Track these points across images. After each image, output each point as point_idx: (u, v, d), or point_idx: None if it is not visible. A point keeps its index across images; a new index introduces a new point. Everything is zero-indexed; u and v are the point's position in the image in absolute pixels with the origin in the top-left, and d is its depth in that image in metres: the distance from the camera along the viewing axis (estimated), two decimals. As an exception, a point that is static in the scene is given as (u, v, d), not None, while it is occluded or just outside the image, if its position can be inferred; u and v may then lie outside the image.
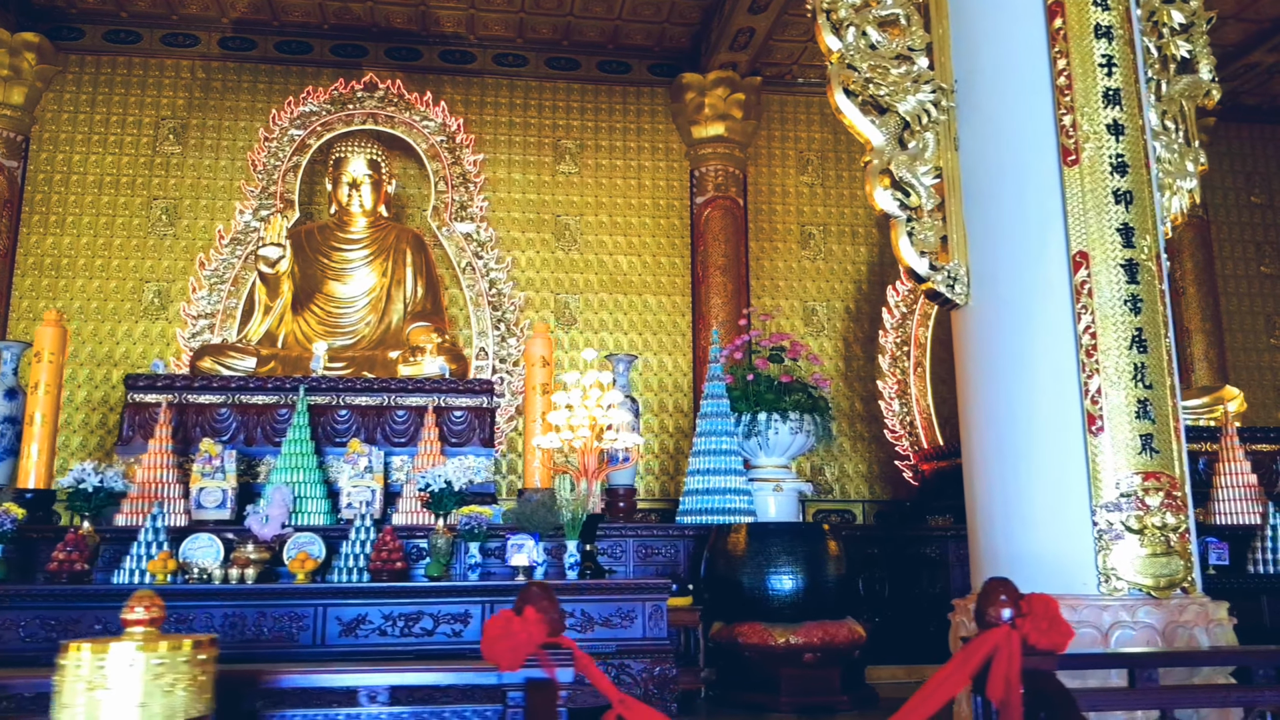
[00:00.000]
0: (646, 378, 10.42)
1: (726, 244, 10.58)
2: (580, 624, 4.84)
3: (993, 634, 2.15)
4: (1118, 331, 3.99)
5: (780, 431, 7.92)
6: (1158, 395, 3.97)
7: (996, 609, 2.21)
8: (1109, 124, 4.16)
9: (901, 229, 4.50)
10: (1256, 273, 11.86)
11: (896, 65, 4.58)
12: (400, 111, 9.42)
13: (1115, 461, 3.90)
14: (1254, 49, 10.41)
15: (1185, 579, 3.88)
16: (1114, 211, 4.09)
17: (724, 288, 10.48)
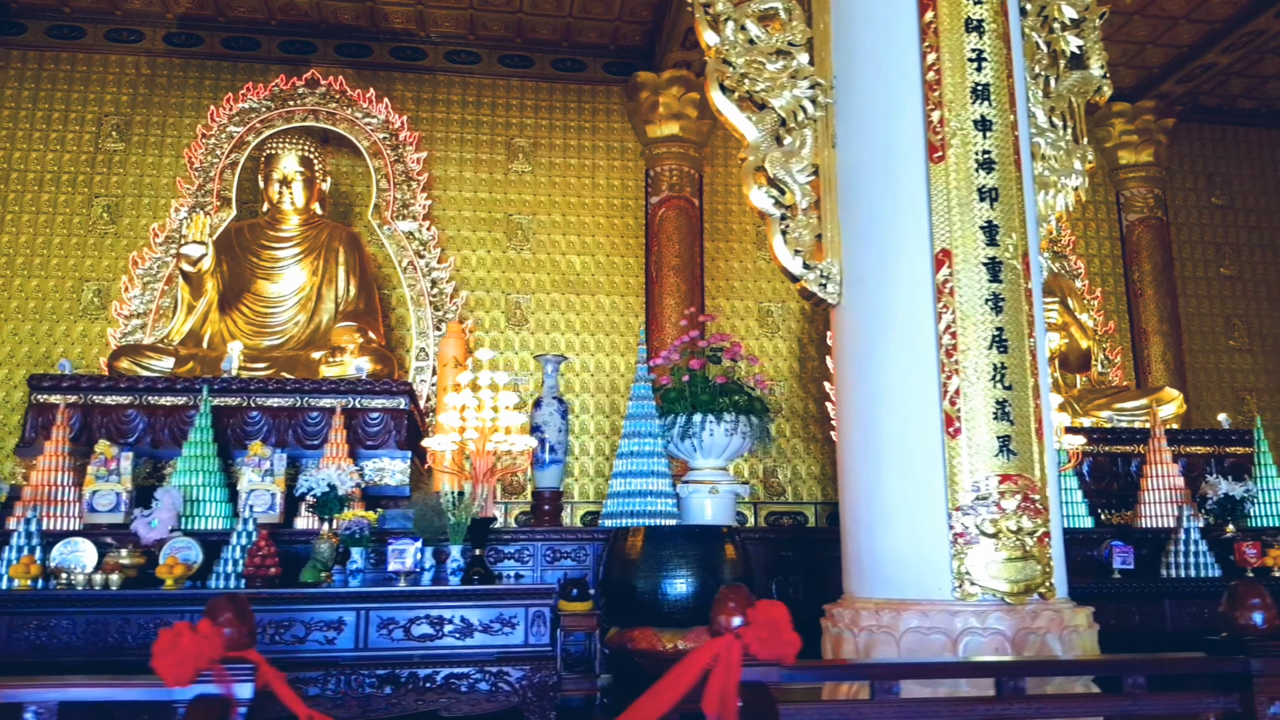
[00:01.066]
0: (599, 379, 10.36)
1: (681, 244, 10.51)
2: (459, 631, 4.78)
3: (714, 644, 2.08)
4: (978, 331, 3.92)
5: (715, 433, 7.82)
6: (1018, 396, 3.89)
7: (726, 617, 2.13)
8: (976, 120, 4.09)
9: (775, 227, 4.44)
10: (1216, 274, 11.75)
11: (774, 61, 4.51)
12: (343, 108, 9.37)
13: (972, 464, 3.82)
14: (1208, 50, 10.30)
15: (1043, 584, 3.80)
16: (978, 209, 4.01)
17: (678, 288, 10.41)
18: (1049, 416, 4.16)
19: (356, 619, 4.70)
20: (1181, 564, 5.84)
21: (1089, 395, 8.23)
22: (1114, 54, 10.47)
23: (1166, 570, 5.89)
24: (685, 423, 7.85)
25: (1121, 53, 10.57)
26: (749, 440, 8.14)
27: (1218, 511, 6.40)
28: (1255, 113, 11.94)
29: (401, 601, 4.72)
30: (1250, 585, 2.45)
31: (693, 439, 7.85)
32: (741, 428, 7.99)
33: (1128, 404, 8.04)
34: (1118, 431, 7.58)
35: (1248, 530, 6.38)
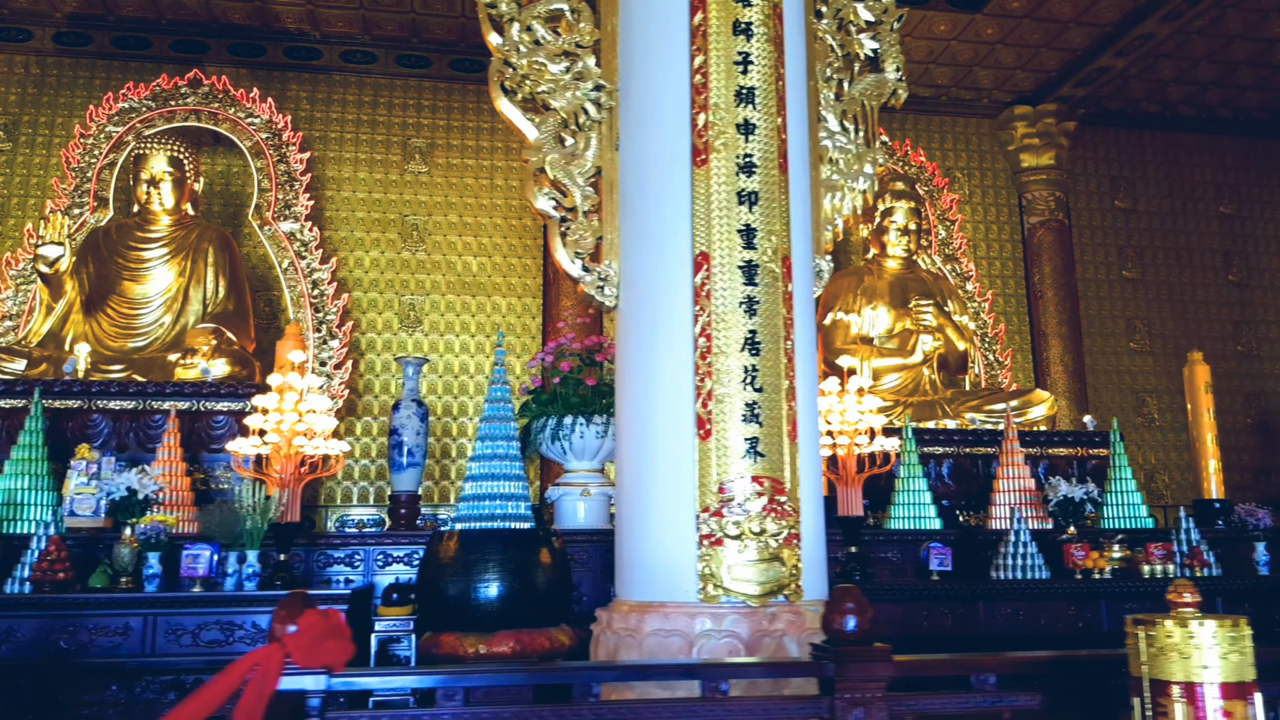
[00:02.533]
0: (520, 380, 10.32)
1: (577, 245, 10.48)
2: (251, 637, 4.73)
3: (258, 651, 2.06)
4: (731, 333, 3.91)
5: (586, 436, 7.80)
6: (769, 399, 3.89)
7: (279, 624, 2.11)
8: (740, 123, 4.08)
9: (555, 230, 4.42)
10: (1118, 276, 11.86)
11: (558, 62, 4.49)
12: (225, 108, 9.29)
13: (720, 466, 3.81)
14: (1102, 53, 10.39)
15: (789, 585, 3.79)
16: (737, 212, 4.00)
17: (574, 290, 10.37)
18: (814, 419, 4.16)
19: (144, 625, 4.65)
20: (1011, 565, 5.86)
21: (961, 397, 8.28)
22: (1009, 58, 10.60)
23: (996, 572, 5.92)
24: (556, 425, 7.83)
25: (1017, 56, 10.67)
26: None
27: (1058, 513, 6.44)
28: (1158, 116, 12.07)
29: (189, 607, 4.67)
30: (846, 590, 2.45)
31: (563, 441, 7.83)
32: (614, 430, 7.97)
33: (998, 405, 8.08)
34: (979, 433, 7.63)
35: (1088, 531, 6.42)
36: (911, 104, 11.55)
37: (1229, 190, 12.34)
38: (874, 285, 9.09)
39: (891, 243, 9.26)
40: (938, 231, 10.24)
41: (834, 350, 9.00)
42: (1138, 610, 5.67)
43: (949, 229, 10.34)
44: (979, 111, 11.71)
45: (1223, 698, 1.95)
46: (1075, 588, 5.64)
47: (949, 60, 10.73)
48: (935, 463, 7.52)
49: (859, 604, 2.37)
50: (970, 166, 11.74)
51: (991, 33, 10.19)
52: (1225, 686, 1.95)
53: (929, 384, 8.67)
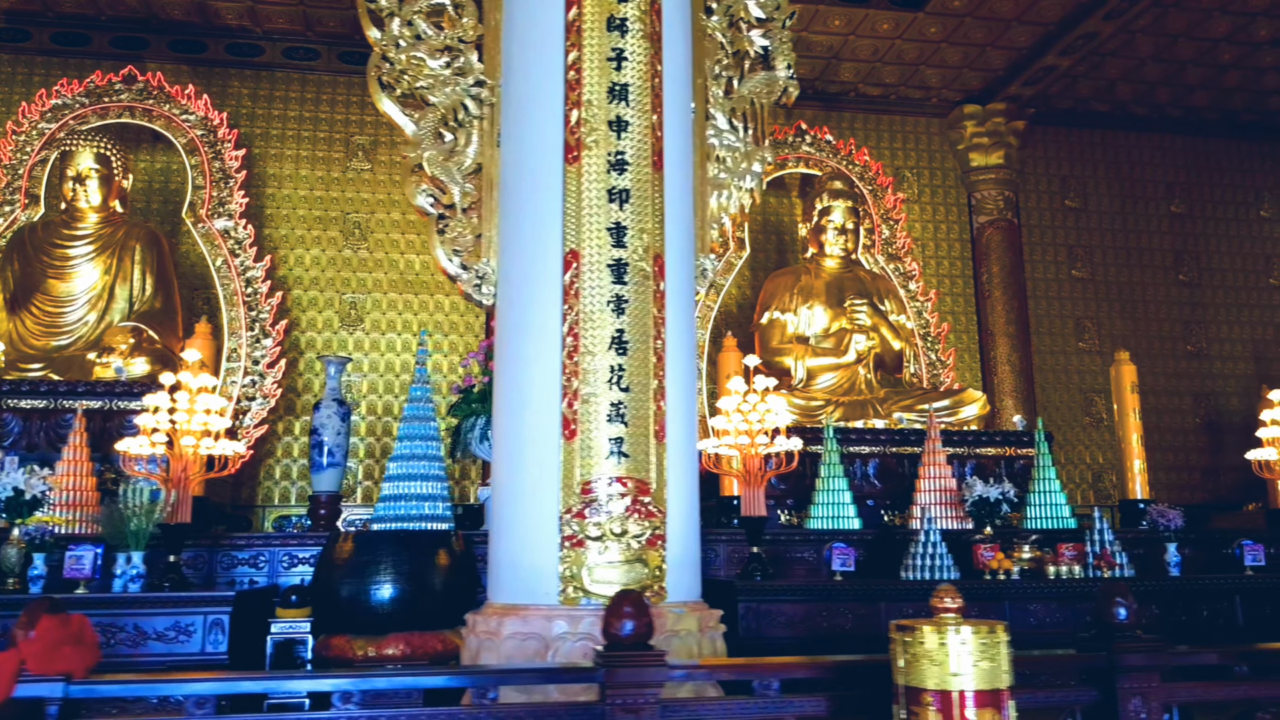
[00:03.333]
0: (435, 379, 10.22)
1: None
2: (132, 639, 4.67)
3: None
4: (599, 333, 3.87)
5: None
6: (636, 398, 3.84)
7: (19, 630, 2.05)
8: (612, 120, 4.04)
9: (433, 227, 4.37)
10: (1068, 276, 11.87)
11: (438, 58, 4.44)
12: (160, 104, 9.19)
13: (584, 466, 3.77)
14: (1046, 52, 10.38)
15: (652, 587, 3.75)
16: (608, 210, 3.96)
17: (518, 288, 10.32)
18: (689, 419, 4.12)
19: (20, 628, 4.56)
20: (920, 565, 5.84)
21: (894, 396, 8.25)
22: (955, 57, 10.59)
23: (905, 572, 5.89)
24: (485, 424, 7.78)
25: (963, 56, 10.66)
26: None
27: (974, 513, 6.42)
28: (1109, 115, 12.07)
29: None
30: (625, 595, 2.41)
31: (488, 442, 7.78)
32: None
33: (929, 405, 8.06)
34: (905, 433, 7.60)
35: (1006, 532, 6.39)
36: (860, 103, 11.65)
37: (1180, 190, 12.36)
38: (811, 284, 9.06)
39: (829, 242, 9.23)
40: (881, 231, 10.22)
41: (770, 350, 8.97)
42: (1040, 612, 5.66)
43: (893, 228, 10.32)
44: (929, 110, 11.69)
45: (975, 705, 1.91)
46: (979, 588, 5.62)
47: (895, 59, 10.71)
48: (861, 462, 7.49)
49: (637, 608, 2.33)
50: (920, 166, 11.73)
51: (935, 31, 10.17)
52: (979, 694, 1.92)
53: (864, 383, 8.64)
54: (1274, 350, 12.13)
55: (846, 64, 10.81)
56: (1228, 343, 12.10)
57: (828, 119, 11.42)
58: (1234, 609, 5.76)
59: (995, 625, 1.98)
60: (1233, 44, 10.53)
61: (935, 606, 2.00)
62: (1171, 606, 5.76)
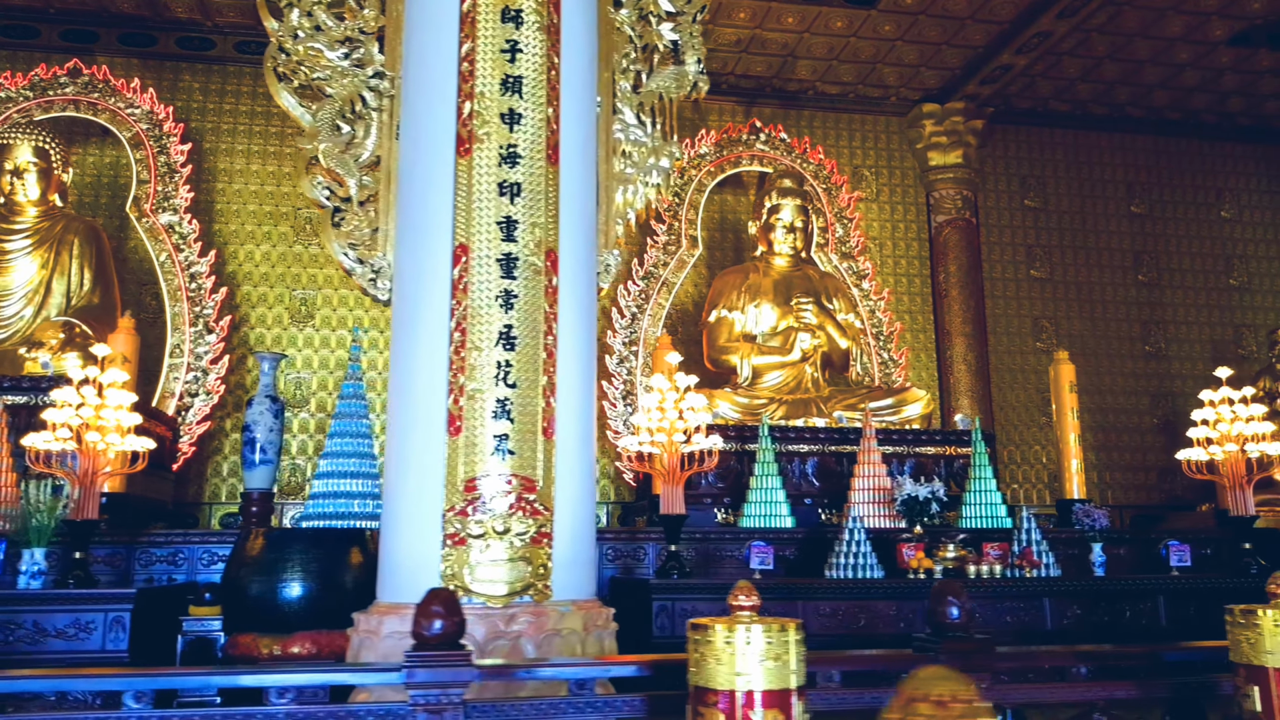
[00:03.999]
0: (385, 377, 10.17)
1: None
2: (31, 636, 4.60)
3: None
4: (486, 328, 3.82)
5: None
6: (523, 395, 3.80)
7: None
8: (505, 113, 3.99)
9: (327, 220, 4.32)
10: (1026, 276, 11.86)
11: (336, 49, 4.39)
12: (105, 98, 9.11)
13: (468, 463, 3.73)
14: (1002, 50, 10.36)
15: (536, 586, 3.71)
16: (498, 204, 3.91)
17: (472, 285, 10.27)
18: (585, 415, 4.07)
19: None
20: (844, 564, 5.81)
21: (838, 395, 8.22)
22: (911, 55, 10.57)
23: (830, 570, 5.86)
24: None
25: (919, 54, 10.63)
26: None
27: (904, 512, 6.39)
28: (1069, 115, 12.07)
29: (-42, 607, 4.53)
30: (435, 593, 2.36)
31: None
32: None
33: (873, 403, 8.03)
34: (845, 431, 7.57)
35: (936, 530, 6.36)
36: (819, 101, 11.63)
37: (1140, 190, 12.37)
38: (759, 283, 9.02)
39: (778, 240, 9.18)
40: (835, 229, 10.20)
41: (716, 348, 8.94)
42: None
43: (847, 227, 10.29)
44: (888, 109, 11.67)
45: (763, 705, 1.87)
46: (899, 588, 5.59)
47: (852, 57, 10.68)
48: (800, 461, 7.46)
49: (447, 607, 2.28)
50: (879, 165, 11.70)
51: (890, 29, 10.14)
52: (766, 694, 1.88)
53: (811, 382, 8.61)
54: (1233, 351, 12.14)
55: (803, 62, 10.77)
56: (1186, 343, 12.11)
57: (786, 117, 11.39)
58: (1157, 609, 5.75)
59: (787, 624, 1.94)
60: (1189, 43, 10.53)
61: (731, 604, 1.96)
62: (1094, 607, 5.74)
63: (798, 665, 1.92)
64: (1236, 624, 2.15)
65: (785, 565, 6.37)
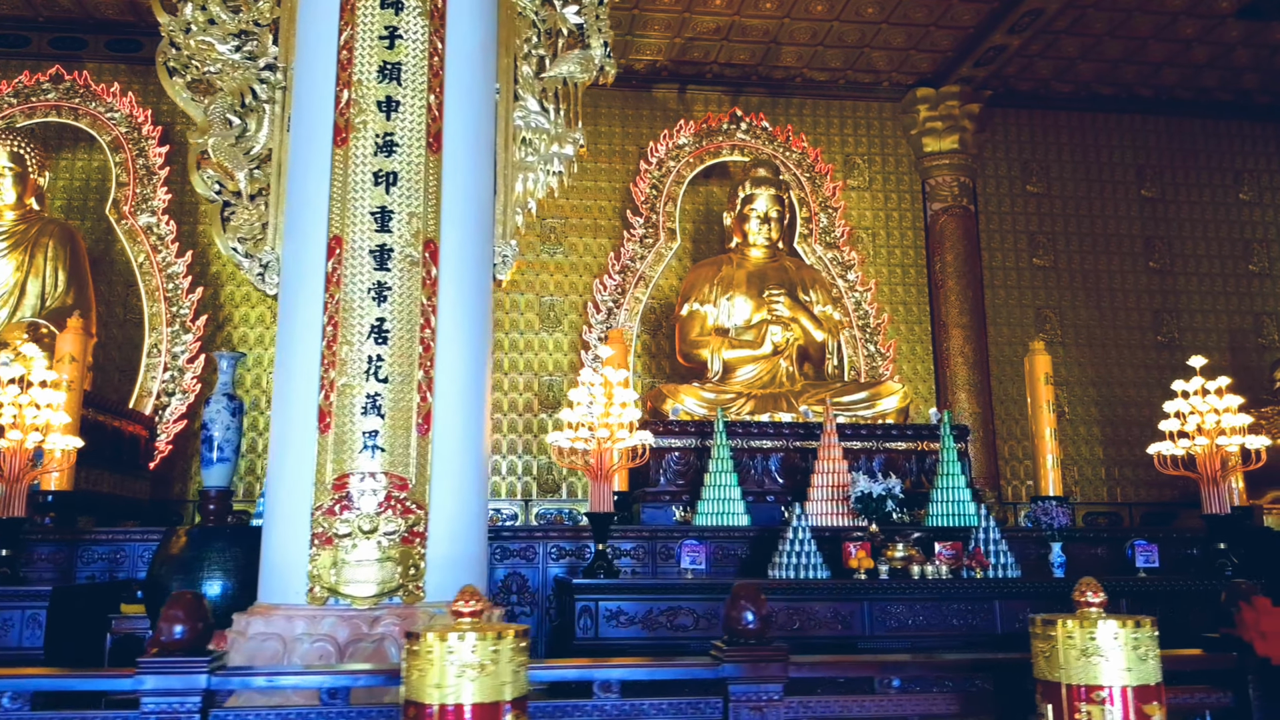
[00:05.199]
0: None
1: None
2: (-56, 633, 4.62)
3: None
4: (358, 321, 3.73)
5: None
6: (396, 390, 3.69)
7: None
8: (382, 101, 3.89)
9: (217, 215, 4.26)
10: (1029, 264, 11.47)
11: (230, 42, 4.32)
12: (86, 103, 9.22)
13: (337, 460, 3.64)
14: (993, 30, 10.01)
15: (408, 587, 3.60)
16: (373, 194, 3.82)
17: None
18: (472, 411, 3.95)
19: None
20: (787, 564, 5.61)
21: (810, 389, 7.99)
22: (899, 38, 10.28)
23: (774, 570, 5.66)
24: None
25: (907, 36, 10.33)
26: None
27: (860, 509, 6.17)
28: (1073, 96, 11.65)
29: None
30: (178, 597, 2.25)
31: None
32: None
33: (847, 397, 7.79)
34: (809, 427, 7.34)
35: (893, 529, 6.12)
36: (808, 88, 11.36)
37: (1151, 173, 11.89)
38: (732, 275, 8.81)
39: (753, 231, 8.96)
40: (819, 219, 9.95)
41: (688, 342, 8.76)
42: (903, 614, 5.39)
43: (831, 216, 10.04)
44: (881, 95, 11.37)
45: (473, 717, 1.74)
46: (836, 588, 5.38)
47: (836, 42, 10.41)
48: (763, 457, 7.25)
49: (188, 612, 2.17)
50: (872, 152, 11.40)
51: (873, 11, 9.86)
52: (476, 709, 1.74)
53: (786, 376, 8.39)
54: (1253, 340, 11.64)
55: (787, 48, 10.53)
56: (1202, 332, 11.62)
57: (775, 106, 11.16)
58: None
59: (505, 630, 1.80)
60: (1193, 17, 10.08)
61: (451, 610, 1.83)
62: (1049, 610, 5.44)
63: (513, 676, 1.78)
64: (1036, 635, 1.96)
65: (739, 564, 6.19)
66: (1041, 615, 1.92)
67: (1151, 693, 1.81)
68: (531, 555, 6.16)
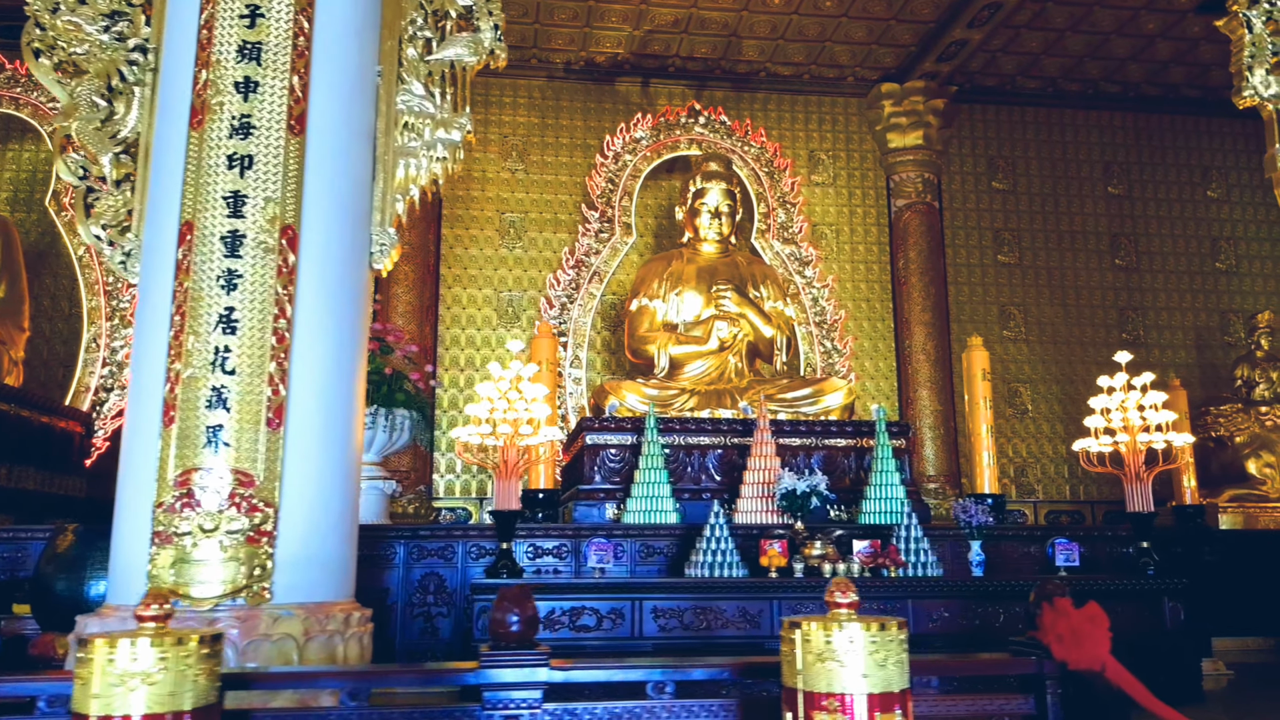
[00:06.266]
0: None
1: (412, 231, 10.14)
2: None
3: None
4: (207, 311, 3.58)
5: (353, 426, 7.51)
6: (244, 382, 3.55)
7: None
8: (239, 81, 3.74)
9: (80, 201, 4.11)
10: (993, 261, 11.30)
11: (98, 22, 4.18)
12: (27, 93, 9.09)
13: (181, 455, 3.49)
14: (953, 25, 9.85)
15: (252, 588, 3.45)
16: (225, 178, 3.67)
17: (408, 276, 10.10)
18: (330, 405, 3.80)
19: None
20: (705, 562, 5.46)
21: (755, 385, 7.83)
22: (860, 32, 10.12)
23: (691, 569, 5.51)
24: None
25: (868, 31, 10.17)
26: (403, 435, 7.80)
27: (785, 506, 6.01)
28: (1040, 93, 11.48)
29: None
30: None
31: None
32: (385, 422, 7.65)
33: (790, 394, 7.63)
34: (747, 424, 7.18)
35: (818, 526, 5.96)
36: (773, 83, 11.20)
37: (1119, 169, 11.71)
38: (682, 270, 8.65)
39: (703, 226, 8.80)
40: (777, 215, 9.79)
41: (636, 337, 8.61)
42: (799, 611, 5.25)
43: (789, 212, 9.88)
44: (846, 91, 11.21)
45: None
46: (747, 587, 5.23)
47: (797, 36, 10.25)
48: (700, 454, 7.10)
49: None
50: (837, 148, 11.24)
51: (830, 5, 9.69)
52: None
53: (734, 372, 8.24)
54: (1219, 338, 11.46)
55: (748, 42, 10.37)
56: (1167, 330, 11.45)
57: (739, 100, 11.01)
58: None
59: (189, 636, 1.66)
60: (1154, 12, 9.90)
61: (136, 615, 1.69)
62: (965, 610, 5.31)
63: (192, 685, 1.63)
64: (782, 638, 1.81)
65: (666, 563, 6.05)
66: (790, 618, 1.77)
67: (894, 700, 1.66)
68: (450, 555, 6.02)
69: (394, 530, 5.98)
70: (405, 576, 5.97)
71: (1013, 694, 2.40)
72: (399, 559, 5.97)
